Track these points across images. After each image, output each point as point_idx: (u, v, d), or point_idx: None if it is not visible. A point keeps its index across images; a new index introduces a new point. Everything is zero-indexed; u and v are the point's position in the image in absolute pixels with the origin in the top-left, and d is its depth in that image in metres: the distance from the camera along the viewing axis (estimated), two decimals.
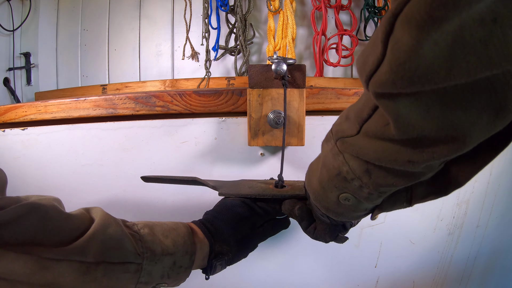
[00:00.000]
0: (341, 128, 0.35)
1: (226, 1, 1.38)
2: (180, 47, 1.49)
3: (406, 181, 0.31)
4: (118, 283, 0.39)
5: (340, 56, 1.42)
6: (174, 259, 0.43)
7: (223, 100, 0.64)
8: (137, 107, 0.64)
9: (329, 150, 0.37)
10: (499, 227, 0.90)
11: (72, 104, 0.64)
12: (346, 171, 0.34)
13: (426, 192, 0.36)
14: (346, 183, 0.35)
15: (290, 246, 0.72)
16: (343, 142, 0.34)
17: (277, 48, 1.34)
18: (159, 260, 0.42)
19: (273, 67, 0.57)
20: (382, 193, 0.35)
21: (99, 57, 1.53)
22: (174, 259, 0.43)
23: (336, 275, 0.77)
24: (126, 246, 0.40)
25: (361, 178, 0.33)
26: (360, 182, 0.34)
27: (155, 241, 0.43)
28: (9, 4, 1.44)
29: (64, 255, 0.35)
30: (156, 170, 0.66)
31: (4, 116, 0.65)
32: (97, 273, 0.37)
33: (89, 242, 0.37)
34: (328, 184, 0.38)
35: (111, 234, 0.39)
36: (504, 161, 0.83)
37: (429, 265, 0.84)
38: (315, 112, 0.66)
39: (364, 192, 0.34)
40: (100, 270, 0.37)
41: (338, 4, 1.39)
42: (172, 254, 0.43)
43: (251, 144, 0.63)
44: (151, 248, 0.42)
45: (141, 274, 0.41)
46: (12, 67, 1.47)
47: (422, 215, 0.77)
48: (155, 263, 0.42)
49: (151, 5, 1.51)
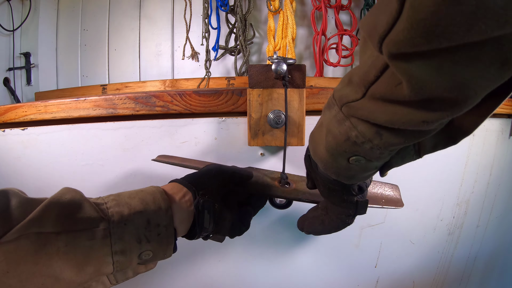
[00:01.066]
0: (344, 93, 0.34)
1: (226, 1, 1.38)
2: (180, 47, 1.49)
3: (417, 138, 0.31)
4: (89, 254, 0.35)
5: (340, 56, 1.42)
6: (147, 216, 0.39)
7: (223, 100, 0.64)
8: (137, 107, 0.64)
9: (333, 116, 0.36)
10: (499, 227, 0.90)
11: (72, 104, 0.64)
12: (355, 135, 0.34)
13: (434, 142, 0.36)
14: (356, 147, 0.35)
15: (290, 246, 0.72)
16: (349, 107, 0.33)
17: (277, 48, 1.34)
18: (128, 220, 0.37)
19: (273, 67, 0.57)
20: (393, 151, 0.35)
21: (99, 57, 1.53)
22: (147, 216, 0.39)
23: (336, 275, 0.77)
24: (86, 211, 0.36)
25: (372, 141, 0.33)
26: (371, 144, 0.33)
27: (121, 203, 0.39)
28: (9, 4, 1.44)
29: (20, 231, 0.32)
30: (156, 170, 0.66)
31: (4, 116, 0.65)
32: (59, 243, 0.33)
33: (45, 211, 0.34)
34: (336, 150, 0.37)
35: (69, 200, 0.36)
36: (504, 161, 0.83)
37: (429, 265, 0.84)
38: (315, 112, 0.66)
39: (376, 152, 0.34)
40: (61, 240, 0.34)
41: (338, 4, 1.39)
42: (142, 211, 0.39)
43: (251, 144, 0.64)
44: (117, 210, 0.38)
45: (112, 241, 0.36)
46: (12, 67, 1.47)
47: (422, 215, 0.77)
48: (125, 224, 0.37)
49: (151, 5, 1.51)
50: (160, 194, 0.42)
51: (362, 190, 0.47)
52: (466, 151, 0.76)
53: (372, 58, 0.30)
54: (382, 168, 0.40)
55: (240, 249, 0.71)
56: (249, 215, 0.54)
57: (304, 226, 0.57)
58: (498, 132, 0.80)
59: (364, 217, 0.74)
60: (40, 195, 0.37)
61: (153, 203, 0.40)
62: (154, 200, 0.40)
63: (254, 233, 0.71)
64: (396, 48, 0.24)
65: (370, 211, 0.74)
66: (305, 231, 0.57)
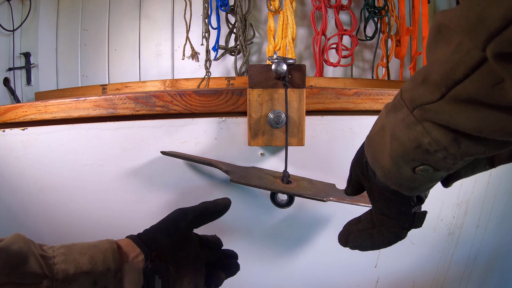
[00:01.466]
0: (417, 94, 0.30)
1: (226, 1, 1.38)
2: (180, 47, 1.49)
3: (501, 148, 0.28)
4: None
5: (340, 56, 1.42)
6: (94, 278, 0.38)
7: (223, 100, 0.64)
8: (137, 107, 0.64)
9: (400, 120, 0.32)
10: (499, 227, 0.90)
11: (72, 104, 0.64)
12: (427, 142, 0.30)
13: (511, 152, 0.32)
14: (427, 155, 0.31)
15: (290, 246, 0.72)
16: (423, 109, 0.29)
17: (277, 48, 1.34)
18: (73, 280, 0.37)
19: (273, 67, 0.57)
20: (467, 161, 0.31)
21: (99, 57, 1.53)
22: (94, 278, 0.38)
23: (336, 275, 0.77)
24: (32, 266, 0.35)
25: (447, 149, 0.29)
26: (446, 153, 0.30)
27: (69, 260, 0.38)
28: (9, 4, 1.44)
29: None
30: (156, 170, 0.66)
31: (4, 116, 0.65)
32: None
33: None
34: (402, 158, 0.33)
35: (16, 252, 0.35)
36: None
37: (429, 265, 0.84)
38: (315, 112, 0.66)
39: (448, 162, 0.30)
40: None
41: (338, 4, 1.39)
42: (89, 272, 0.38)
43: (251, 144, 0.64)
44: (63, 268, 0.37)
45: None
46: (12, 67, 1.47)
47: None
48: (69, 284, 0.37)
49: (151, 5, 1.51)
50: (112, 253, 0.40)
51: (421, 201, 0.42)
52: None
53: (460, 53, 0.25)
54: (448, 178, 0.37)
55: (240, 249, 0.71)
56: (217, 279, 0.49)
57: (349, 241, 0.50)
58: None
59: None
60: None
61: (102, 264, 0.39)
62: (104, 260, 0.39)
63: (254, 233, 0.71)
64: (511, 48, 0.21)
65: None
66: (349, 246, 0.50)
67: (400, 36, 1.45)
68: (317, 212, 0.72)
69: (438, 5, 1.59)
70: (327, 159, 0.69)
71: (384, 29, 1.46)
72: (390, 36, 1.46)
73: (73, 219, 0.69)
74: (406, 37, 1.42)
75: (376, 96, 0.67)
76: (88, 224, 0.70)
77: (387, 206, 0.41)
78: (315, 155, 0.69)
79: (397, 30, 1.46)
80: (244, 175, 0.60)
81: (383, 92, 0.67)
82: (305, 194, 0.58)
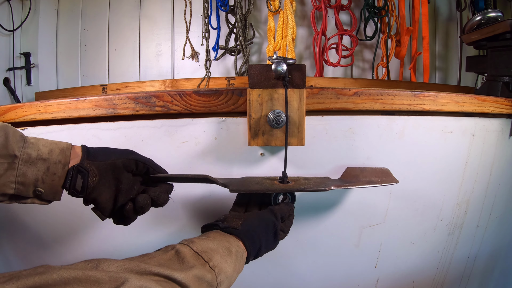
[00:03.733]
0: None
1: (226, 1, 1.38)
2: (180, 47, 1.49)
3: None
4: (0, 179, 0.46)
5: (340, 56, 1.42)
6: (48, 164, 0.49)
7: (223, 100, 0.64)
8: (137, 107, 0.64)
9: None
10: (499, 227, 0.90)
11: (72, 104, 0.64)
12: None
13: None
14: None
15: (290, 246, 0.72)
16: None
17: (277, 48, 1.34)
18: (33, 163, 0.48)
19: (273, 67, 0.57)
20: None
21: (99, 57, 1.53)
22: (48, 164, 0.49)
23: (336, 275, 0.77)
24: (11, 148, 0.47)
25: None
26: None
27: (34, 148, 0.49)
28: (9, 4, 1.44)
29: None
30: None
31: (4, 116, 0.65)
32: None
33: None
34: None
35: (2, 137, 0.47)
36: (504, 161, 0.83)
37: (429, 265, 0.84)
38: (315, 112, 0.66)
39: None
40: None
41: (338, 4, 1.39)
42: (46, 159, 0.49)
43: (251, 144, 0.63)
44: (27, 152, 0.48)
45: (17, 173, 0.47)
46: (12, 67, 1.47)
47: (422, 215, 0.77)
48: (30, 165, 0.48)
49: (151, 5, 1.51)
50: (66, 151, 0.51)
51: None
52: (466, 151, 0.76)
53: None
54: None
55: None
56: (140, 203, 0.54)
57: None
58: (498, 132, 0.80)
59: (364, 217, 0.74)
60: None
61: (56, 156, 0.50)
62: (60, 153, 0.50)
63: None
64: None
65: (370, 211, 0.74)
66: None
67: (400, 36, 1.45)
68: (317, 212, 0.72)
69: (438, 5, 1.59)
70: (327, 159, 0.69)
71: (384, 29, 1.46)
72: (390, 36, 1.46)
73: (73, 219, 0.69)
74: (406, 37, 1.43)
75: (376, 96, 0.67)
76: (88, 224, 0.70)
77: None
78: (315, 155, 0.69)
79: (397, 30, 1.46)
80: (242, 184, 0.60)
81: (383, 92, 0.67)
82: (307, 188, 0.59)
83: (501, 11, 1.03)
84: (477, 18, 1.05)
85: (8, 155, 0.47)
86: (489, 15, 1.03)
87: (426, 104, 0.70)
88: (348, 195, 0.71)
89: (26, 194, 0.49)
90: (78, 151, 0.53)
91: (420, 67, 1.48)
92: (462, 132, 0.75)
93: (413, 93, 0.69)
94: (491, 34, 0.94)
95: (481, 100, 0.75)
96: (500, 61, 0.93)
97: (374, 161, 0.70)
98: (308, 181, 0.63)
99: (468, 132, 0.76)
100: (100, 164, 0.52)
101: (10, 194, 0.48)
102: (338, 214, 0.72)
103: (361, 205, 0.73)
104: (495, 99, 0.78)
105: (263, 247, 0.55)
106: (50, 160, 0.49)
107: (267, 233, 0.56)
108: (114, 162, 0.53)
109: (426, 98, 0.70)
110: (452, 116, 0.74)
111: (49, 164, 0.49)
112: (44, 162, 0.49)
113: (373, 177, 0.66)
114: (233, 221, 0.55)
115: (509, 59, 0.91)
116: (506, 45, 0.90)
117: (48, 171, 0.49)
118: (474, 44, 1.06)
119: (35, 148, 0.49)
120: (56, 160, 0.49)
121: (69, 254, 0.71)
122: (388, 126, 0.69)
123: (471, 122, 0.75)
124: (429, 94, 0.70)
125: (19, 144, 0.48)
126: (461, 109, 0.73)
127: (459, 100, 0.73)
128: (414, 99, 0.69)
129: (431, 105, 0.70)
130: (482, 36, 0.98)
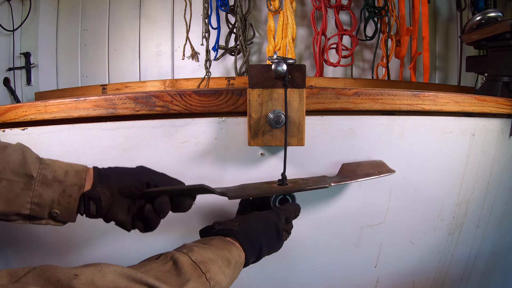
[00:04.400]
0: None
1: (226, 1, 1.38)
2: (180, 47, 1.49)
3: None
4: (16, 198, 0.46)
5: (340, 56, 1.42)
6: (64, 187, 0.49)
7: (223, 100, 0.64)
8: (137, 107, 0.64)
9: None
10: (499, 227, 0.90)
11: (72, 104, 0.64)
12: None
13: None
14: None
15: (290, 246, 0.72)
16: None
17: (277, 48, 1.34)
18: (49, 184, 0.48)
19: (273, 67, 0.57)
20: None
21: (99, 57, 1.53)
22: (64, 187, 0.49)
23: (336, 275, 0.77)
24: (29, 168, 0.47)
25: None
26: None
27: (51, 169, 0.49)
28: (9, 4, 1.44)
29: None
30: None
31: (4, 116, 0.65)
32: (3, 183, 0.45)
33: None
34: None
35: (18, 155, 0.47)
36: (504, 161, 0.83)
37: (429, 265, 0.84)
38: (315, 112, 0.66)
39: None
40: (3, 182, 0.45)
41: (338, 4, 1.39)
42: (62, 181, 0.49)
43: (251, 144, 0.63)
44: (44, 173, 0.48)
45: (33, 194, 0.47)
46: (12, 67, 1.47)
47: (422, 215, 0.77)
48: (46, 187, 0.48)
49: (151, 5, 1.51)
50: (82, 173, 0.51)
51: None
52: (466, 151, 0.76)
53: None
54: None
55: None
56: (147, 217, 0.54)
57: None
58: (498, 132, 0.80)
59: (364, 217, 0.74)
60: None
61: (72, 178, 0.50)
62: (75, 175, 0.50)
63: None
64: None
65: (370, 211, 0.74)
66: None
67: (400, 36, 1.45)
68: (316, 212, 0.72)
69: (438, 5, 1.59)
70: (327, 159, 0.69)
71: (384, 29, 1.46)
72: (390, 36, 1.46)
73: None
74: (406, 37, 1.42)
75: (376, 96, 0.67)
76: (88, 224, 0.70)
77: None
78: (315, 155, 0.69)
79: (397, 30, 1.46)
80: (240, 190, 0.60)
81: (383, 92, 0.67)
82: (307, 187, 0.59)
83: (501, 11, 1.03)
84: (477, 18, 1.05)
85: (25, 174, 0.47)
86: (489, 15, 1.03)
87: (426, 104, 0.70)
88: (348, 195, 0.71)
89: (41, 216, 0.49)
90: (91, 172, 0.53)
91: (420, 67, 1.48)
92: (462, 132, 0.75)
93: (413, 93, 0.69)
94: (491, 34, 0.94)
95: (481, 100, 0.75)
96: (500, 61, 0.93)
97: None
98: (307, 181, 0.63)
99: (468, 132, 0.76)
100: (113, 187, 0.52)
101: (24, 214, 0.48)
102: (338, 214, 0.72)
103: (361, 205, 0.73)
104: (495, 99, 0.78)
105: (264, 247, 0.55)
106: (66, 182, 0.49)
107: (267, 233, 0.55)
108: (126, 186, 0.53)
109: (426, 98, 0.70)
110: (452, 116, 0.74)
111: (65, 187, 0.49)
112: (60, 184, 0.49)
113: (370, 170, 0.66)
114: (230, 223, 0.55)
115: (509, 59, 0.91)
116: (506, 45, 0.90)
117: (64, 193, 0.49)
118: (474, 44, 1.06)
119: (51, 170, 0.49)
120: (72, 182, 0.50)
121: (70, 256, 0.71)
122: (388, 126, 0.69)
123: (471, 122, 0.76)
124: (429, 94, 0.70)
125: (36, 165, 0.48)
126: (461, 109, 0.73)
127: (459, 100, 0.73)
128: (414, 99, 0.69)
129: (431, 105, 0.70)
130: (482, 36, 0.98)
